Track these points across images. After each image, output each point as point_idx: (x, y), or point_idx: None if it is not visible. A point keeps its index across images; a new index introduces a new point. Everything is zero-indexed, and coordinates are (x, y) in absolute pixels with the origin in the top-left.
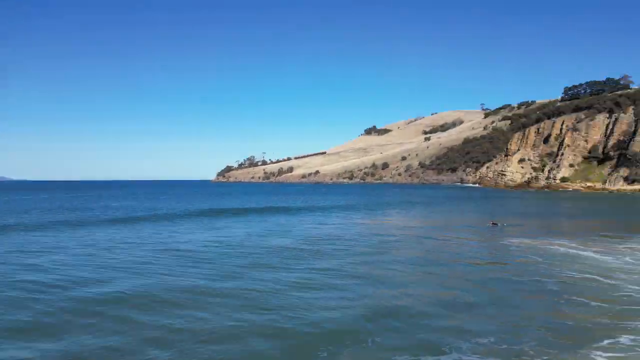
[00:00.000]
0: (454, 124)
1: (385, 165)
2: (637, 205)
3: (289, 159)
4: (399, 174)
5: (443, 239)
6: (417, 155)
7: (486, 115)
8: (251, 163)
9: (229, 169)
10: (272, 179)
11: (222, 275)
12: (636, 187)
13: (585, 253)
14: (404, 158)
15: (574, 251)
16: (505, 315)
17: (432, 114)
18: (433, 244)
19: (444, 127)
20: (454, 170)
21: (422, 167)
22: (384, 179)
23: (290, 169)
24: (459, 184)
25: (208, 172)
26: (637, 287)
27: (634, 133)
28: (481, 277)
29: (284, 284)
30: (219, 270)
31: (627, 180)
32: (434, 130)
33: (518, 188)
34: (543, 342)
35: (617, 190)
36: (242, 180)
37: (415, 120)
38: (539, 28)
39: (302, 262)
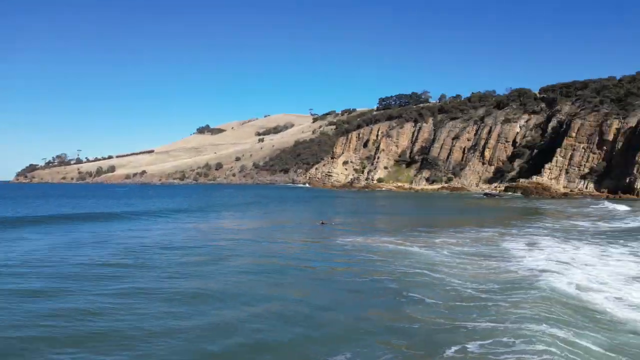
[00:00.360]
0: (285, 127)
1: (219, 166)
2: (438, 202)
3: (110, 157)
4: (234, 175)
5: (278, 241)
6: (251, 156)
7: (314, 120)
8: (62, 161)
9: (32, 167)
10: (89, 180)
11: (11, 304)
12: (435, 186)
13: (412, 249)
14: (238, 159)
15: (402, 247)
16: (355, 323)
17: (265, 116)
18: (269, 248)
19: (276, 130)
20: (286, 171)
21: (256, 167)
22: (218, 179)
23: (112, 169)
24: (290, 184)
25: (6, 171)
26: (458, 281)
27: (433, 141)
28: (322, 281)
29: (98, 309)
30: (5, 299)
31: (428, 180)
32: (267, 132)
33: (343, 188)
34: (398, 353)
35: (421, 189)
36: (51, 181)
37: (248, 121)
38: (353, 42)
39: (122, 279)
